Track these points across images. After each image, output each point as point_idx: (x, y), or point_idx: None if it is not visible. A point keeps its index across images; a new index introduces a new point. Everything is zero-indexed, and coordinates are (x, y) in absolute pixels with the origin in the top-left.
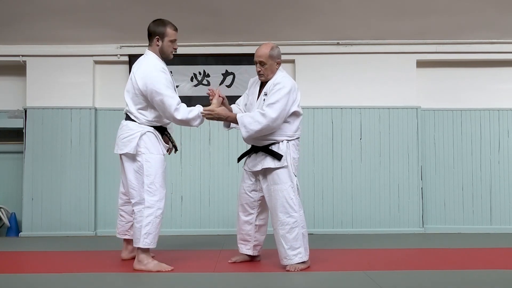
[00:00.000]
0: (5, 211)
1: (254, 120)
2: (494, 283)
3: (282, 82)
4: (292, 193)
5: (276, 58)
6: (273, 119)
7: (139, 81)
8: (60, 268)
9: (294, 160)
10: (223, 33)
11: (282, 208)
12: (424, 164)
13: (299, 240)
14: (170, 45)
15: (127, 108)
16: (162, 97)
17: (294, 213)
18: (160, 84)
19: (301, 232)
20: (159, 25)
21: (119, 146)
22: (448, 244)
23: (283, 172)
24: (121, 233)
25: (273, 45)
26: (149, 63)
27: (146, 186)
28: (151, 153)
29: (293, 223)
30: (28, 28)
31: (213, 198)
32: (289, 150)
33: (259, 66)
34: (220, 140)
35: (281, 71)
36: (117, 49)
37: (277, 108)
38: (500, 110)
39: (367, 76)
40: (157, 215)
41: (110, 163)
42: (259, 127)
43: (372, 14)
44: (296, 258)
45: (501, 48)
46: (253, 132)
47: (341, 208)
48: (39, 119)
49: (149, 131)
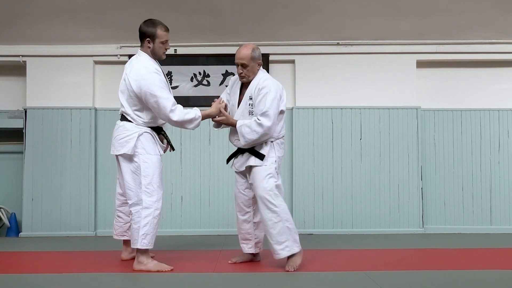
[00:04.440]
0: (5, 211)
1: (251, 130)
2: (494, 283)
3: (267, 86)
4: (271, 189)
5: (257, 60)
6: (269, 127)
7: (133, 83)
8: (60, 268)
9: (278, 159)
10: (223, 33)
11: (262, 204)
12: (424, 164)
13: (284, 234)
14: (161, 46)
15: (123, 109)
16: (157, 99)
17: (275, 207)
18: (154, 86)
19: (286, 226)
20: (150, 26)
21: (115, 147)
22: (448, 244)
23: (262, 169)
24: (119, 234)
25: (254, 46)
26: (142, 65)
27: (144, 186)
28: (148, 154)
29: (275, 218)
30: (28, 28)
31: (213, 198)
32: (274, 149)
33: (240, 68)
34: (220, 140)
35: (262, 71)
36: (117, 49)
37: (271, 116)
38: (500, 110)
39: (367, 76)
40: (155, 216)
41: (110, 163)
42: (256, 136)
43: (372, 14)
44: (284, 252)
45: (501, 48)
46: (251, 141)
47: (341, 208)
48: (39, 119)
49: (146, 131)
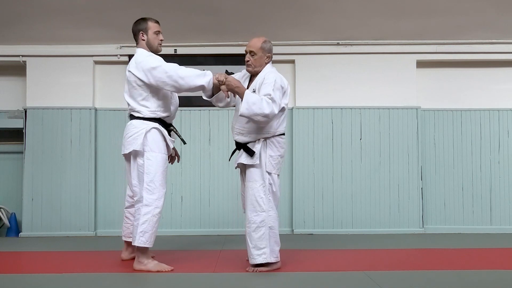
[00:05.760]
0: (5, 211)
1: (260, 103)
2: (494, 283)
3: (271, 78)
4: (262, 192)
5: (267, 52)
6: (273, 113)
7: (136, 71)
8: (60, 268)
9: (271, 158)
10: (223, 33)
11: (250, 206)
12: (424, 164)
13: (264, 240)
14: (155, 37)
15: (130, 107)
16: (161, 67)
17: (262, 212)
18: (154, 60)
19: (268, 233)
20: (140, 22)
21: (125, 146)
22: (448, 244)
23: (255, 170)
24: (127, 235)
25: (266, 39)
26: (140, 54)
27: (146, 184)
28: (152, 151)
29: (260, 222)
30: (28, 28)
31: (213, 198)
32: (267, 148)
33: (248, 55)
34: (220, 140)
35: (271, 66)
36: (117, 49)
37: (276, 102)
38: (500, 110)
39: (367, 76)
40: (155, 214)
41: (110, 163)
42: (259, 111)
43: (372, 14)
44: (260, 258)
45: (501, 48)
46: (252, 112)
47: (341, 208)
48: (39, 119)
49: (154, 127)
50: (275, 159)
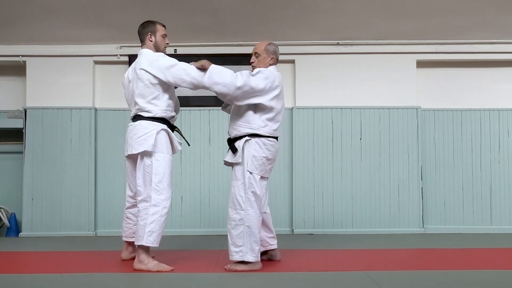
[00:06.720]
0: (5, 211)
1: (224, 73)
2: (494, 283)
3: (262, 69)
4: (242, 191)
5: (271, 54)
6: (235, 85)
7: (151, 69)
8: (60, 268)
9: (254, 158)
10: (223, 33)
11: (231, 203)
12: (424, 164)
13: (242, 238)
14: (162, 40)
15: (138, 107)
16: (179, 65)
17: (241, 210)
18: (170, 58)
19: (246, 231)
20: (148, 24)
21: (133, 146)
22: (448, 244)
23: (238, 168)
24: (129, 235)
25: (272, 42)
26: (151, 54)
27: (154, 184)
28: (161, 152)
29: (239, 220)
30: (28, 28)
31: (213, 198)
32: (251, 147)
33: (253, 57)
34: (220, 140)
35: (274, 69)
36: (117, 49)
37: (245, 79)
38: (500, 110)
39: (367, 76)
40: (163, 214)
41: (110, 163)
42: (220, 80)
43: (372, 14)
44: (237, 256)
45: (501, 48)
46: (213, 81)
47: (341, 208)
48: (39, 119)
49: (163, 129)
50: (258, 160)
